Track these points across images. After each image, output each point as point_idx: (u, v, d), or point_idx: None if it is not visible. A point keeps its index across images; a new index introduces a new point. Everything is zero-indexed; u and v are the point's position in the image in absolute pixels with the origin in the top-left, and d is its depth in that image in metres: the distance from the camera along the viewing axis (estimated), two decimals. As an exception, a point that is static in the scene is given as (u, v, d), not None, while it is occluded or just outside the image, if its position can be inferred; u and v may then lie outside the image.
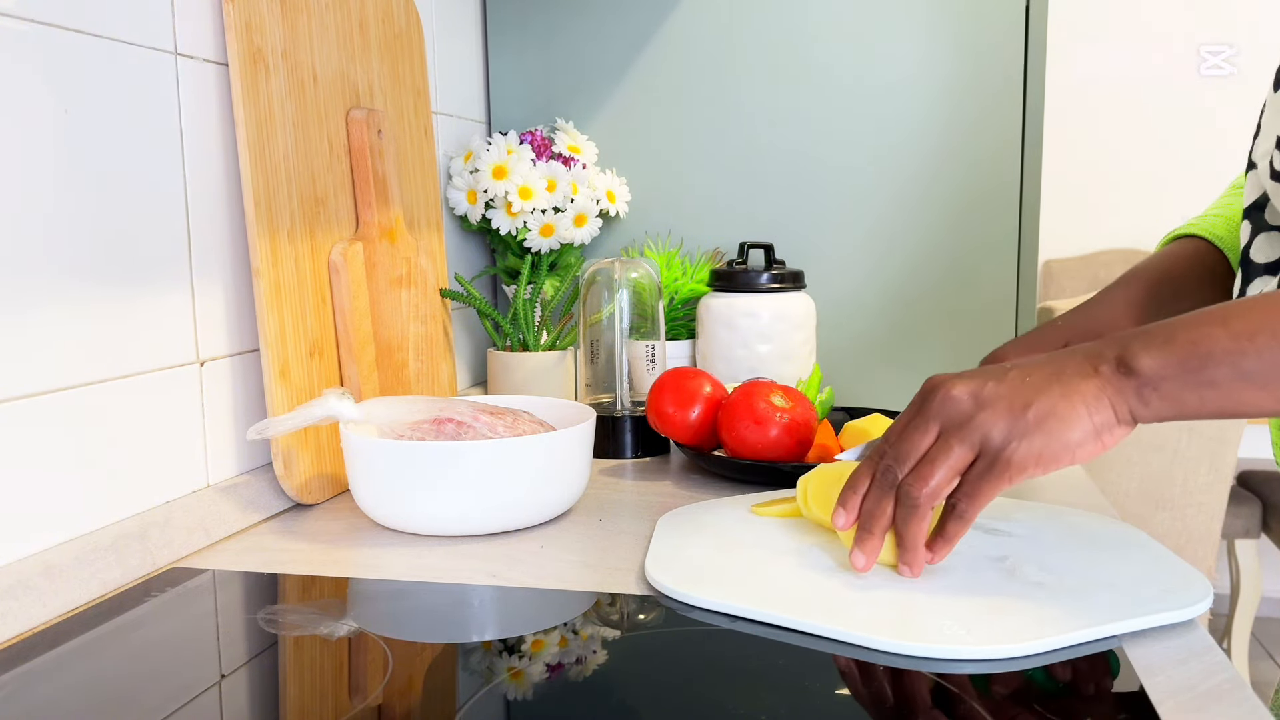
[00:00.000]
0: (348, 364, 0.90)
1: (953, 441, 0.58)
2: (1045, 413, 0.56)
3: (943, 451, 0.58)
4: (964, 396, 0.58)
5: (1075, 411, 0.56)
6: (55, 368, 0.65)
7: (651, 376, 1.07)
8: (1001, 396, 0.57)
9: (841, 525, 0.63)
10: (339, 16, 0.92)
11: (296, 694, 0.53)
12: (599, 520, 0.81)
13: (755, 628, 0.59)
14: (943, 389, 0.59)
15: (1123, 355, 0.56)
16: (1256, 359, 0.53)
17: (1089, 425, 0.56)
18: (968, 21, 1.20)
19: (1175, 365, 0.54)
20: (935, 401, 0.59)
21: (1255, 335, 0.53)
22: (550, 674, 0.54)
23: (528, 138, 1.19)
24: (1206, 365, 0.54)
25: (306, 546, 0.76)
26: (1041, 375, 0.57)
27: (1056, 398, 0.56)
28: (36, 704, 0.51)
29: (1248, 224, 0.68)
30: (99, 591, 0.66)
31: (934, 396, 0.60)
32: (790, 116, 1.25)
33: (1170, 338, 0.55)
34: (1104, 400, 0.56)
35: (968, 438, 0.58)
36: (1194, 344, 0.54)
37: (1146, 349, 0.55)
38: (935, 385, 0.60)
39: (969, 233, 1.23)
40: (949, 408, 0.59)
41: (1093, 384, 0.56)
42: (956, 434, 0.58)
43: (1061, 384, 0.56)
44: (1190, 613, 0.58)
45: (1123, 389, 0.56)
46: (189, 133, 0.77)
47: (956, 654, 0.54)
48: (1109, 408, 0.56)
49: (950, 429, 0.58)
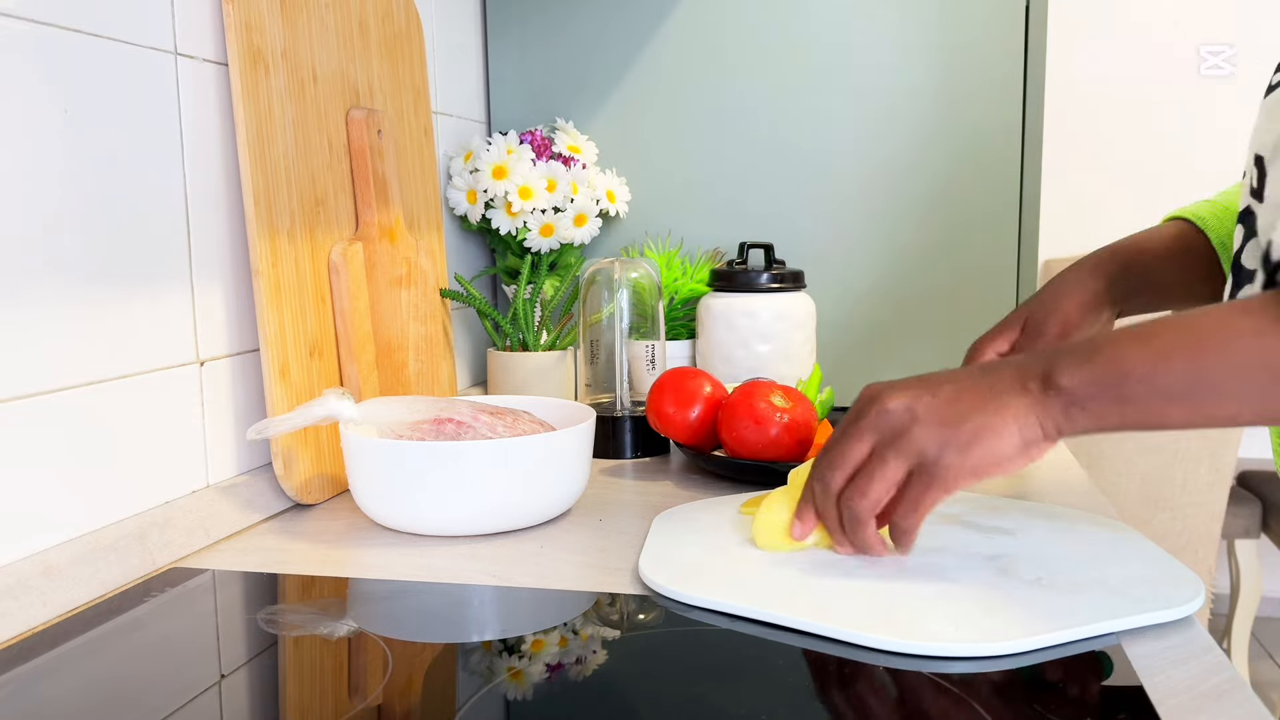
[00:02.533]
0: (348, 364, 0.89)
1: (888, 455, 0.60)
2: (977, 428, 0.58)
3: (879, 465, 0.61)
4: (899, 410, 0.60)
5: (1006, 427, 0.58)
6: (55, 368, 0.65)
7: (651, 376, 1.07)
8: (935, 411, 0.59)
9: (798, 536, 0.66)
10: (339, 16, 0.92)
11: (296, 694, 0.53)
12: (599, 520, 0.81)
13: (753, 627, 0.59)
14: (878, 401, 0.62)
15: (1048, 373, 0.58)
16: (1172, 377, 0.55)
17: (1018, 440, 0.58)
18: (968, 22, 1.20)
19: (1096, 384, 0.57)
20: (871, 414, 0.62)
21: (1171, 354, 0.55)
22: (550, 674, 0.54)
23: (528, 138, 1.19)
24: (1125, 382, 0.56)
25: (306, 546, 0.76)
26: (974, 391, 0.59)
27: (990, 413, 0.58)
28: (36, 704, 0.51)
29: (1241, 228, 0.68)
30: (99, 591, 0.66)
31: (870, 408, 0.62)
32: (790, 116, 1.25)
33: (1092, 356, 0.57)
34: (1032, 417, 0.58)
35: (902, 451, 0.60)
36: (1114, 362, 0.57)
37: (1070, 367, 0.57)
38: (872, 396, 0.63)
39: (969, 232, 1.23)
40: (884, 420, 0.61)
41: (1022, 401, 0.58)
42: (891, 447, 0.60)
43: (994, 400, 0.59)
44: (1181, 612, 0.58)
45: (1049, 406, 0.58)
46: (189, 133, 0.77)
47: (945, 651, 0.54)
48: (1036, 424, 0.58)
49: (885, 442, 0.61)
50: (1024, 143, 1.20)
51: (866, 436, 0.62)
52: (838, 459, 0.63)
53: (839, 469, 0.63)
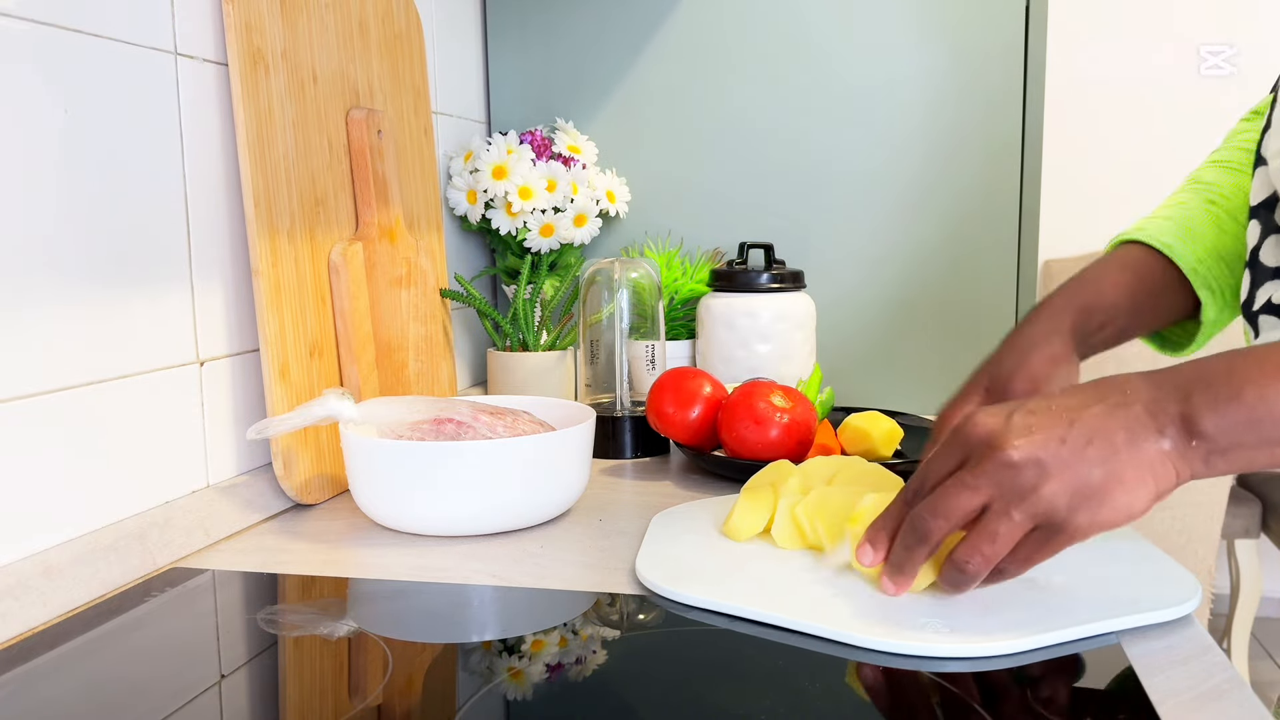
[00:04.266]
0: (348, 364, 0.89)
1: (1014, 512, 0.54)
2: (1112, 481, 0.53)
3: (1003, 524, 0.54)
4: (1027, 465, 0.53)
5: (1142, 481, 0.53)
6: (55, 368, 0.65)
7: (651, 376, 1.07)
8: (1067, 465, 0.53)
9: (868, 563, 0.60)
10: (339, 16, 0.92)
11: (296, 694, 0.53)
12: (599, 520, 0.81)
13: (752, 627, 0.59)
14: (999, 449, 0.54)
15: (1187, 414, 0.52)
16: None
17: (1152, 492, 0.53)
18: (967, 21, 1.20)
19: (1245, 429, 0.51)
20: (990, 465, 0.54)
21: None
22: (550, 674, 0.54)
23: (528, 138, 1.19)
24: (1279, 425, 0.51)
25: (306, 546, 0.76)
26: (1106, 436, 0.53)
27: (1124, 465, 0.53)
28: (36, 704, 0.51)
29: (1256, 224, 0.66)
30: (99, 591, 0.66)
31: (989, 457, 0.54)
32: (790, 116, 1.25)
33: (1235, 394, 0.52)
34: (1169, 466, 0.53)
35: (1032, 510, 0.53)
36: (1263, 401, 0.51)
37: (1212, 409, 0.52)
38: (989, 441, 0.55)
39: (969, 232, 1.23)
40: (1009, 477, 0.54)
41: (1157, 450, 0.53)
42: (1019, 505, 0.53)
43: (1129, 449, 0.53)
44: (1177, 612, 0.58)
45: (1188, 455, 0.53)
46: (189, 133, 0.77)
47: (940, 652, 0.54)
48: (1173, 473, 0.53)
49: (1012, 500, 0.54)
50: (1024, 143, 1.20)
51: (983, 490, 0.54)
52: (946, 508, 0.55)
53: (947, 520, 0.55)
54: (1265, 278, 0.64)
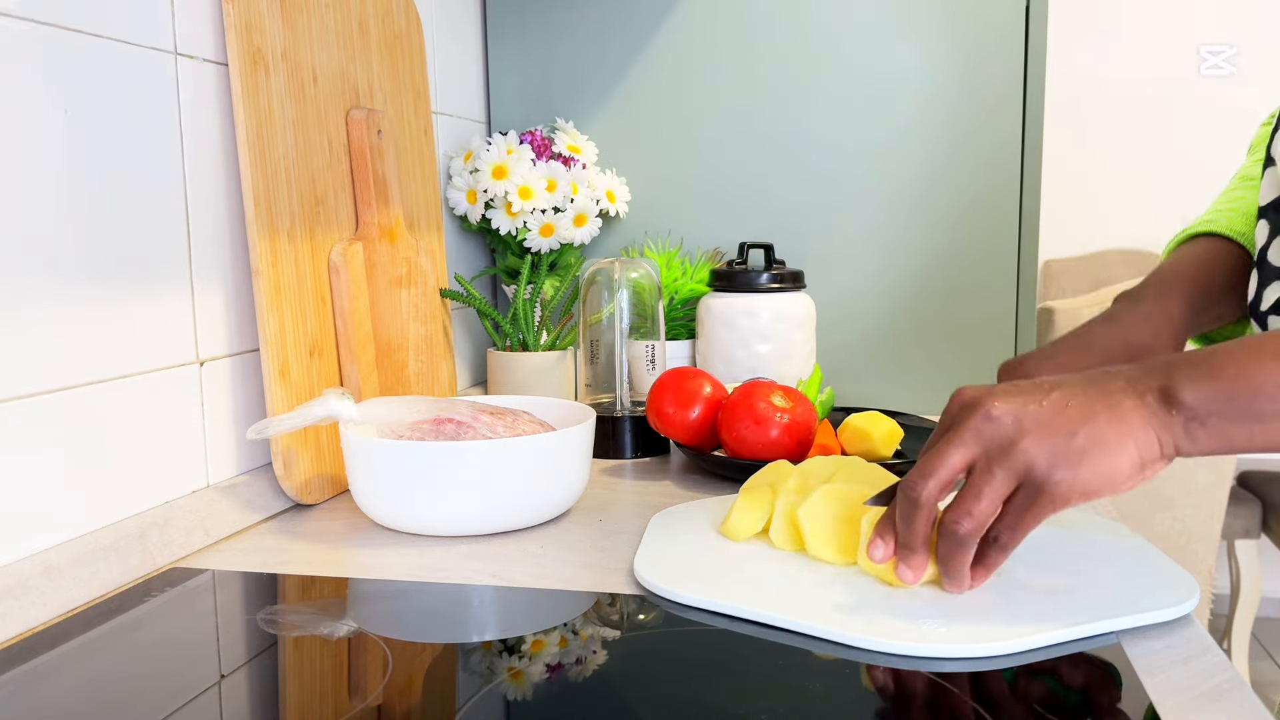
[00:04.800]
0: (348, 364, 0.89)
1: (995, 468, 0.55)
2: (1092, 442, 0.53)
3: (986, 480, 0.55)
4: (1006, 418, 0.55)
5: (1123, 443, 0.53)
6: (55, 368, 0.65)
7: (651, 376, 1.07)
8: (1045, 421, 0.54)
9: (878, 558, 0.60)
10: (339, 16, 0.92)
11: (296, 694, 0.53)
12: (599, 520, 0.81)
13: (752, 628, 0.59)
14: (982, 406, 0.55)
15: (1168, 387, 0.53)
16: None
17: (1135, 457, 0.53)
18: (968, 22, 1.20)
19: (1223, 400, 0.52)
20: (975, 419, 0.55)
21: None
22: (550, 674, 0.54)
23: (528, 138, 1.19)
24: (1257, 400, 0.52)
25: (306, 546, 0.76)
26: (1086, 400, 0.54)
27: (1104, 426, 0.53)
28: (36, 704, 0.51)
29: (1265, 224, 0.66)
30: (99, 591, 0.66)
31: (972, 413, 0.56)
32: (791, 116, 1.25)
33: (1217, 370, 0.53)
34: (1150, 432, 0.53)
35: (1012, 464, 0.54)
36: (1243, 378, 0.52)
37: (1193, 381, 0.53)
38: (971, 401, 0.56)
39: (969, 233, 1.23)
40: (990, 429, 0.55)
41: (1139, 414, 0.53)
42: (1000, 460, 0.55)
43: (1109, 412, 0.54)
44: (1174, 613, 0.58)
45: (1169, 423, 0.53)
46: (189, 133, 0.77)
47: (936, 652, 0.54)
48: (1155, 441, 0.53)
49: (994, 453, 0.55)
50: (1024, 143, 1.20)
51: (968, 446, 0.55)
52: (935, 467, 0.56)
53: (934, 478, 0.56)
54: (1273, 277, 0.64)
